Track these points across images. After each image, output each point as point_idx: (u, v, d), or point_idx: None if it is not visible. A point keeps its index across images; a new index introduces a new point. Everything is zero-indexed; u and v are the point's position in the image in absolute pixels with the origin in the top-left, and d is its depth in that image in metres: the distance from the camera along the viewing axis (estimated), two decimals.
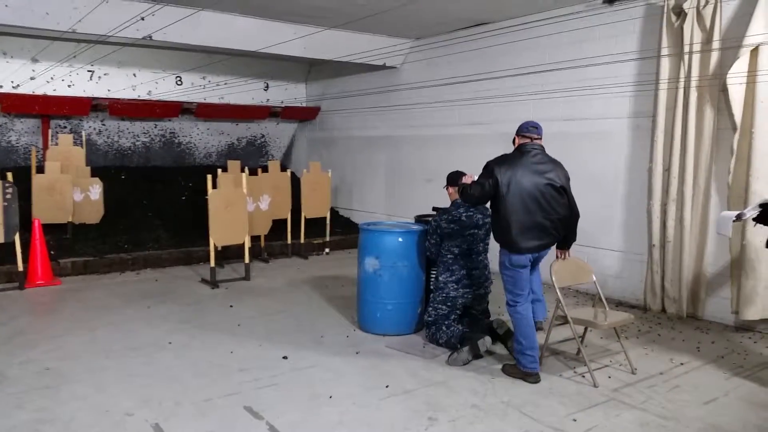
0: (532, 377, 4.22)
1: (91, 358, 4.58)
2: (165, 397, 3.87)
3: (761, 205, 4.15)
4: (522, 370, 4.25)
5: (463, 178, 4.57)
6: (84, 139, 9.25)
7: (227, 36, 7.85)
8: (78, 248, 7.66)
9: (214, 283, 6.86)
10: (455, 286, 4.86)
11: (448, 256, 4.87)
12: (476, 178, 4.39)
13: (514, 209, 4.12)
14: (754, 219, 4.19)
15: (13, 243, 6.44)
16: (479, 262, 4.95)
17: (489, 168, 4.21)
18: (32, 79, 8.96)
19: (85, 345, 4.86)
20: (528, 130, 4.31)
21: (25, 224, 6.92)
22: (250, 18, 7.80)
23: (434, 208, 5.39)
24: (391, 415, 3.69)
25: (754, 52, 5.19)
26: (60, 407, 3.72)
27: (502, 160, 4.24)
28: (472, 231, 4.83)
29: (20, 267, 6.54)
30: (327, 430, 3.49)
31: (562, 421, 3.63)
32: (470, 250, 4.86)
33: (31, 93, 8.94)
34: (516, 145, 4.35)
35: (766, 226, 4.33)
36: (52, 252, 7.16)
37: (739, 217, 4.23)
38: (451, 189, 4.97)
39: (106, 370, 4.34)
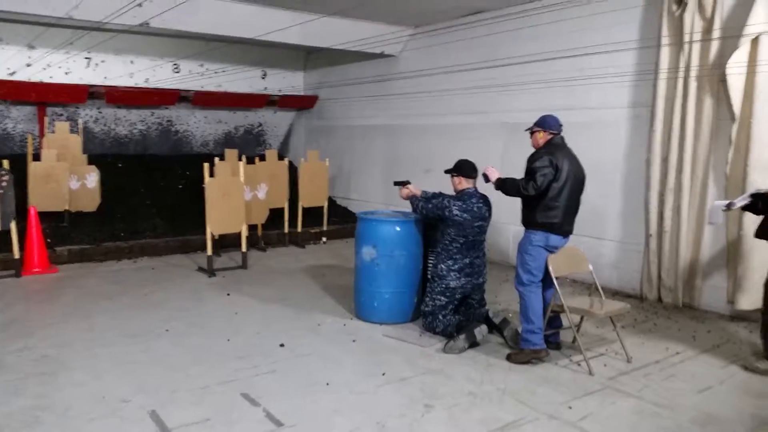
0: (543, 353, 4.34)
1: (88, 345, 4.58)
2: (162, 384, 3.88)
3: (752, 195, 4.20)
4: (532, 349, 4.33)
5: (489, 173, 4.58)
6: (81, 126, 9.21)
7: (224, 22, 7.79)
8: (75, 236, 7.64)
9: (211, 272, 6.86)
10: (456, 275, 4.85)
11: (454, 245, 4.83)
12: (493, 170, 4.59)
13: (564, 195, 4.31)
14: (742, 207, 4.24)
15: (10, 231, 6.42)
16: (480, 251, 4.96)
17: (544, 159, 4.27)
18: (28, 66, 8.89)
19: (82, 332, 4.86)
20: (556, 127, 4.43)
21: (22, 212, 6.90)
22: (248, 4, 7.74)
23: (396, 182, 5.26)
24: (387, 402, 3.70)
25: (755, 41, 5.17)
26: (57, 394, 3.73)
27: (552, 152, 4.31)
28: (480, 223, 4.82)
29: (16, 255, 6.53)
30: (323, 417, 3.50)
31: (557, 409, 3.65)
32: (475, 240, 4.86)
33: (27, 80, 8.87)
34: (542, 140, 4.44)
35: (754, 215, 4.38)
36: (48, 240, 7.15)
37: (729, 206, 4.28)
38: (461, 178, 4.89)
39: (102, 357, 4.35)
